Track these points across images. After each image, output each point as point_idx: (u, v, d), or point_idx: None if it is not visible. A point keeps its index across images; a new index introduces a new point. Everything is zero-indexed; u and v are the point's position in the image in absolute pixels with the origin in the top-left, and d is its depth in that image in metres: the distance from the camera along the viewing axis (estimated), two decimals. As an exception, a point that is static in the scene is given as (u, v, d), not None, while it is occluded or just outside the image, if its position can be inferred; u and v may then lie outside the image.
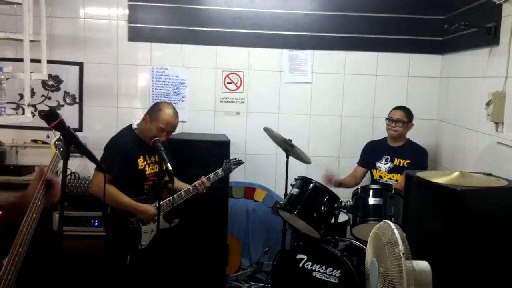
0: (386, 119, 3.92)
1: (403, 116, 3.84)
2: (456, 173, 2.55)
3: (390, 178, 3.84)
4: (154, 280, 3.12)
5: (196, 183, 3.25)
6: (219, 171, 3.39)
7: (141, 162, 3.11)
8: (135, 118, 3.37)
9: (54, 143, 2.05)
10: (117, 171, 3.03)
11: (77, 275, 3.63)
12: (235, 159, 3.54)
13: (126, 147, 3.09)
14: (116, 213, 3.07)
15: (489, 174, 2.76)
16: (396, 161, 3.86)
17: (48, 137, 4.09)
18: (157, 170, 3.14)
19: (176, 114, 3.17)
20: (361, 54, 4.32)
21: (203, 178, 3.28)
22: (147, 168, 3.14)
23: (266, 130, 3.77)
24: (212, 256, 3.76)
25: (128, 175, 3.07)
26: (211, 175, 3.33)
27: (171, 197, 3.15)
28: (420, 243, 2.51)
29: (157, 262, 3.09)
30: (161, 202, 3.11)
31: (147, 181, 3.16)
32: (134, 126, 3.21)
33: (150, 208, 3.06)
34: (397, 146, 3.91)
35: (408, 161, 3.83)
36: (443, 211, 2.48)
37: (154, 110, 3.16)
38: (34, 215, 1.85)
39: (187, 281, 3.43)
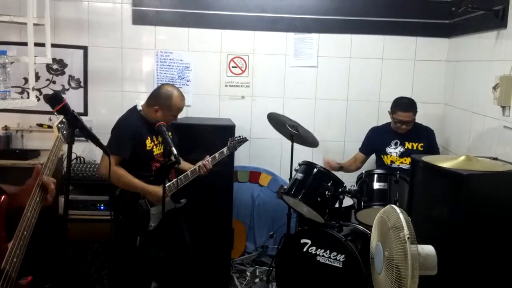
0: (394, 121, 3.77)
1: (411, 117, 3.72)
2: (462, 158, 2.54)
3: (402, 162, 3.79)
4: (160, 264, 3.14)
5: (201, 162, 3.25)
6: (224, 150, 3.39)
7: (148, 143, 3.11)
8: (139, 99, 3.34)
9: (57, 125, 2.05)
10: (127, 152, 3.03)
11: (83, 259, 3.66)
12: (240, 136, 3.52)
13: (134, 128, 3.08)
14: (125, 195, 3.08)
15: (496, 159, 2.75)
16: (408, 145, 3.80)
17: (50, 119, 4.10)
18: (162, 151, 3.15)
19: (183, 96, 3.22)
20: (367, 37, 4.28)
21: (208, 158, 3.28)
22: (154, 149, 3.14)
23: (270, 116, 3.75)
24: (217, 240, 3.78)
25: (136, 156, 3.07)
26: (217, 154, 3.34)
27: (177, 178, 3.15)
28: (426, 227, 2.51)
29: (163, 244, 3.10)
30: (169, 183, 3.13)
31: (154, 162, 3.16)
32: (139, 107, 3.19)
33: (158, 189, 3.06)
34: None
35: (422, 144, 3.79)
36: (449, 196, 2.48)
37: (162, 99, 3.13)
38: (38, 199, 1.86)
39: (192, 264, 3.45)
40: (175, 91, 3.18)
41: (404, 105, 3.77)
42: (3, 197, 1.83)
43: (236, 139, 3.49)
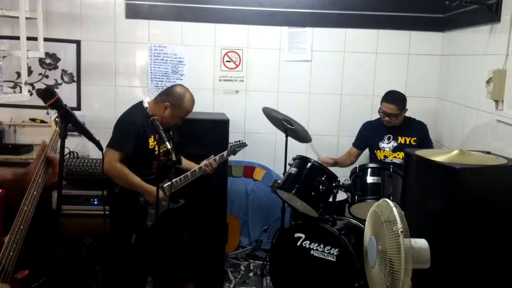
0: (379, 111, 3.81)
1: (395, 110, 3.72)
2: (455, 151, 2.54)
3: (395, 157, 3.80)
4: (155, 259, 3.14)
5: (206, 161, 3.25)
6: (224, 153, 3.39)
7: (151, 141, 3.08)
8: (145, 96, 3.31)
9: (54, 119, 2.04)
10: (130, 148, 3.00)
11: (77, 254, 3.65)
12: (239, 141, 3.52)
13: (138, 124, 3.04)
14: (125, 193, 3.07)
15: (488, 152, 2.76)
16: (401, 139, 3.81)
17: (47, 113, 4.06)
18: (165, 149, 3.13)
19: (194, 100, 3.21)
20: (361, 32, 4.28)
21: (213, 157, 3.28)
22: (156, 148, 3.11)
23: (265, 110, 3.76)
24: (211, 234, 3.79)
25: (138, 154, 3.04)
26: (217, 157, 3.34)
27: (177, 178, 3.14)
28: (419, 221, 2.52)
29: (159, 241, 3.10)
30: (168, 183, 3.12)
31: (156, 161, 3.13)
32: (145, 104, 3.15)
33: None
34: (397, 125, 3.87)
35: (415, 138, 3.80)
36: (442, 189, 2.49)
37: (175, 97, 3.12)
38: (35, 193, 1.86)
39: (187, 259, 3.45)
40: (188, 92, 3.18)
41: (390, 97, 3.78)
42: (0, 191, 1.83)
43: (236, 143, 3.50)
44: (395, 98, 3.77)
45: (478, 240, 2.40)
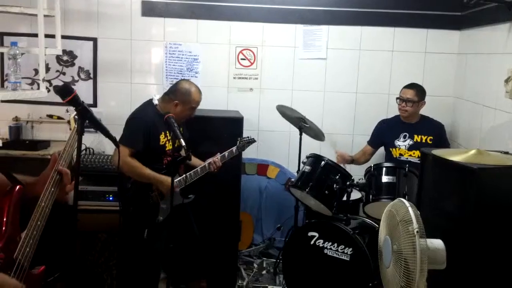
0: (397, 98, 3.84)
1: (414, 95, 3.74)
2: (473, 151, 2.51)
3: (410, 155, 3.78)
4: (167, 254, 3.16)
5: (211, 159, 3.27)
6: (234, 149, 3.40)
7: (162, 137, 3.13)
8: (155, 93, 3.36)
9: (74, 117, 2.05)
10: (141, 144, 3.05)
11: (92, 249, 3.69)
12: (248, 137, 3.53)
13: (149, 121, 3.10)
14: (137, 188, 3.10)
15: (507, 153, 2.73)
16: (417, 138, 3.78)
17: (67, 111, 4.11)
18: (177, 145, 3.16)
19: (200, 90, 3.29)
20: (377, 30, 4.24)
21: (218, 156, 3.29)
22: (167, 144, 3.16)
23: (279, 108, 3.75)
24: (225, 231, 3.79)
25: (149, 150, 3.09)
26: (226, 153, 3.35)
27: (188, 173, 3.17)
28: (435, 221, 2.50)
29: (171, 236, 3.12)
30: (179, 178, 3.15)
31: (166, 157, 3.18)
32: (155, 102, 3.21)
33: (170, 179, 3.07)
34: (413, 122, 3.85)
35: (431, 137, 3.77)
36: (459, 190, 2.46)
37: (181, 94, 3.18)
38: (52, 189, 1.87)
39: (200, 256, 3.47)
40: (192, 85, 3.26)
41: (409, 84, 3.83)
42: (17, 187, 1.85)
43: (245, 139, 3.51)
44: (414, 85, 3.82)
45: (495, 241, 2.36)
